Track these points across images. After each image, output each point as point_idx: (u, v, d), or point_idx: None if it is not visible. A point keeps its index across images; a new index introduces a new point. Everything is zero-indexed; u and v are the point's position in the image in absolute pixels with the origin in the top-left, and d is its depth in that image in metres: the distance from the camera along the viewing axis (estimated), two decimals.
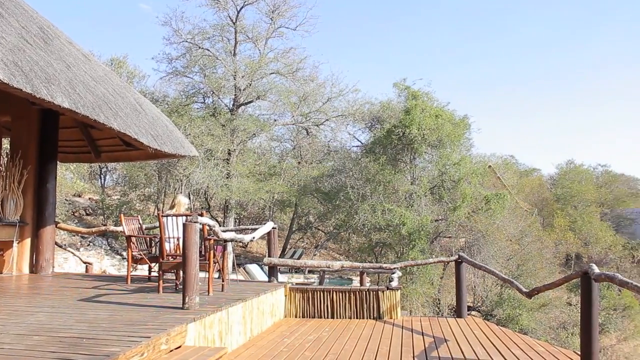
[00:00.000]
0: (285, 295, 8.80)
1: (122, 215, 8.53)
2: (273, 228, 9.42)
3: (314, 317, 8.72)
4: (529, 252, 22.24)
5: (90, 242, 22.00)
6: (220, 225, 11.82)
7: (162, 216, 7.21)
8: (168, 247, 7.20)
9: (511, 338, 7.05)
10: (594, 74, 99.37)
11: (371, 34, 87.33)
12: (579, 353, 5.66)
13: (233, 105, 24.07)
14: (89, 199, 27.43)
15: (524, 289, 7.39)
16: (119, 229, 8.96)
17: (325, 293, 8.83)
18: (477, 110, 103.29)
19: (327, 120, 26.00)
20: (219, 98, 24.43)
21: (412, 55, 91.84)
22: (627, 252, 32.78)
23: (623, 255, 32.31)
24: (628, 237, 36.58)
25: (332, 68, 72.75)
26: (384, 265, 10.55)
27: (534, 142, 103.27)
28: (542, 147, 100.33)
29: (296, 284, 12.42)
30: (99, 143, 11.07)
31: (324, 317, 8.71)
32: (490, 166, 29.11)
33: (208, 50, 23.91)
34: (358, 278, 16.97)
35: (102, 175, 29.03)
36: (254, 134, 24.29)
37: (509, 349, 6.31)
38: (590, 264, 5.59)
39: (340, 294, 8.80)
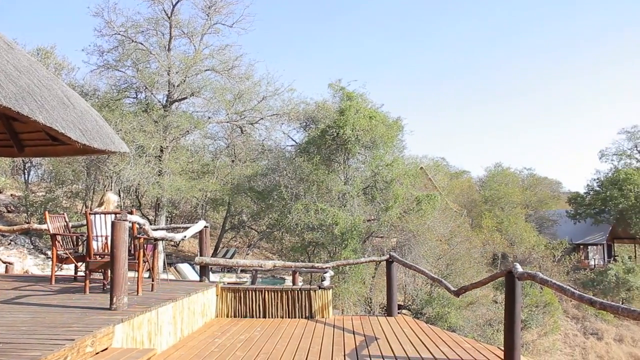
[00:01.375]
0: (217, 295, 8.70)
1: (46, 212, 8.21)
2: (205, 227, 9.31)
3: (246, 317, 8.66)
4: (458, 252, 22.89)
5: (11, 240, 21.03)
6: (151, 224, 11.53)
7: (90, 214, 6.99)
8: (96, 245, 6.99)
9: (439, 336, 7.22)
10: (520, 80, 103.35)
11: (308, 34, 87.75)
12: (503, 348, 5.87)
13: (166, 101, 23.55)
14: (11, 195, 26.24)
15: (452, 288, 7.60)
16: (44, 226, 8.61)
17: (257, 292, 8.78)
18: (410, 112, 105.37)
19: (262, 119, 25.83)
20: (152, 94, 23.84)
21: (348, 57, 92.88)
22: (548, 251, 34.27)
23: (545, 254, 33.76)
24: (550, 238, 38.28)
25: (267, 67, 72.47)
26: (316, 265, 10.59)
27: (465, 145, 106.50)
28: (472, 150, 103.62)
29: (228, 283, 12.29)
30: (22, 137, 10.55)
31: (256, 317, 8.66)
32: (422, 168, 29.72)
33: (141, 44, 23.28)
34: (291, 277, 16.98)
35: (26, 171, 27.82)
36: (188, 131, 23.84)
37: (437, 346, 6.47)
38: (515, 263, 5.81)
39: (273, 294, 8.77)
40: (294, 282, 12.59)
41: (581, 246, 43.25)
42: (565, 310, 30.21)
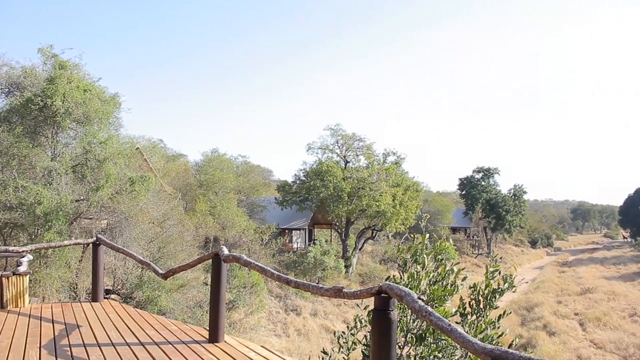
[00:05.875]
0: None
1: None
2: None
3: None
4: (170, 235, 22.81)
5: None
6: None
7: None
8: None
9: (147, 320, 7.10)
10: (241, 75, 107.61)
11: None
12: (208, 328, 6.05)
13: None
14: None
15: (161, 271, 7.57)
16: None
17: None
18: (130, 92, 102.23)
19: None
20: None
21: (64, 25, 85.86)
22: (257, 235, 36.35)
23: (254, 238, 35.73)
24: (259, 222, 40.65)
25: None
26: (11, 249, 9.51)
27: (184, 129, 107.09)
28: (190, 135, 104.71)
29: None
30: None
31: None
32: (138, 148, 28.84)
33: None
34: None
35: None
36: None
37: (143, 330, 6.36)
38: (221, 246, 6.05)
39: None
40: None
41: (287, 230, 46.87)
42: (270, 289, 32.46)
